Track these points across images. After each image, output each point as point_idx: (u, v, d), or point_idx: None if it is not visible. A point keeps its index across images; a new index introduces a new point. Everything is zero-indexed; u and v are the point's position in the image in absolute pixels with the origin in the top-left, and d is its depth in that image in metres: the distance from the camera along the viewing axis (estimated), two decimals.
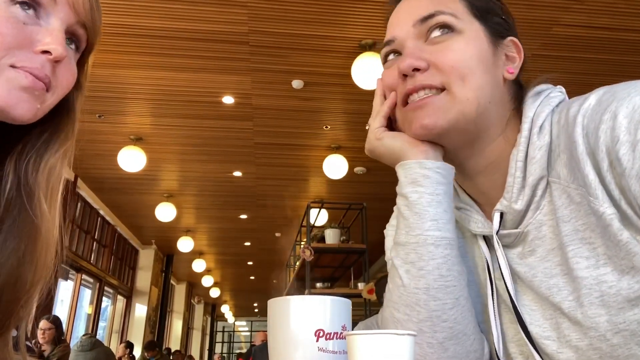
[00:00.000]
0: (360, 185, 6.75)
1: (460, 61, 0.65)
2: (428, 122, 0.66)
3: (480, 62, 0.65)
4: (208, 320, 18.94)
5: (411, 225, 0.65)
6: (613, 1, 3.50)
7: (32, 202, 0.61)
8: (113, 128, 5.33)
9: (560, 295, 0.61)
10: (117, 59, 4.15)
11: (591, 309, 0.57)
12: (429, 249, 0.64)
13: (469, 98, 0.64)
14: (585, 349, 0.58)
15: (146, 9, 3.58)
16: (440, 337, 0.64)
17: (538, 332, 0.62)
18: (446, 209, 0.66)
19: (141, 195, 7.38)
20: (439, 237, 0.64)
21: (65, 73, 0.62)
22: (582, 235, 0.59)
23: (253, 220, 8.53)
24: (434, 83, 0.65)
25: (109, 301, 9.25)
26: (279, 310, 0.60)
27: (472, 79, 0.64)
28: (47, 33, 0.58)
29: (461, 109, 0.64)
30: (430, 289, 0.63)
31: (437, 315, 0.63)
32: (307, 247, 4.99)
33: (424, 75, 0.66)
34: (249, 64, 4.25)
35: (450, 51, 0.65)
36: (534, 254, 0.64)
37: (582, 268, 0.58)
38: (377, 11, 3.61)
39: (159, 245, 10.33)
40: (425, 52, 0.67)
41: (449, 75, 0.65)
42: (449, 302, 0.64)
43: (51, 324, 4.34)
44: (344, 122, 5.31)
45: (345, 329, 0.59)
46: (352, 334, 0.49)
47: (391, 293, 0.67)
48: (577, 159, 0.59)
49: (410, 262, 0.64)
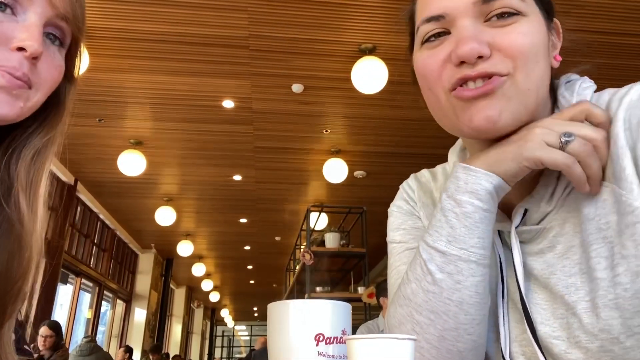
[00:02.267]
0: (360, 189, 6.75)
1: (530, 46, 0.58)
2: (493, 114, 0.58)
3: (544, 48, 0.60)
4: (207, 325, 18.90)
5: (457, 236, 0.61)
6: (613, 6, 3.52)
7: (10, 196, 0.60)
8: (113, 132, 5.34)
9: (577, 295, 0.58)
10: (118, 63, 4.16)
11: (605, 311, 0.55)
12: (470, 265, 0.60)
13: (530, 89, 0.59)
14: (596, 350, 0.56)
15: (147, 13, 3.59)
16: (461, 347, 0.62)
17: (547, 331, 0.60)
18: (492, 226, 0.63)
19: (141, 199, 7.38)
20: (483, 255, 0.61)
21: (47, 69, 0.60)
22: (604, 234, 0.57)
23: (253, 224, 8.52)
24: (502, 70, 0.58)
25: (109, 305, 9.23)
26: (279, 314, 0.60)
27: (535, 68, 0.59)
28: (24, 29, 0.57)
29: (522, 100, 0.58)
30: (464, 304, 0.61)
31: (464, 329, 0.61)
32: (307, 251, 4.98)
33: (489, 63, 0.58)
34: (249, 68, 4.25)
35: (520, 35, 0.58)
36: (552, 250, 0.62)
37: (602, 269, 0.56)
38: (377, 16, 3.63)
39: (158, 249, 10.31)
40: (487, 34, 0.59)
41: (516, 61, 0.58)
42: (477, 318, 0.62)
43: (52, 330, 4.33)
44: (344, 126, 5.32)
45: (346, 333, 0.59)
46: (352, 338, 0.49)
47: (415, 294, 0.63)
48: (614, 153, 0.56)
49: (448, 273, 0.61)
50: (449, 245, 0.61)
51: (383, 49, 3.94)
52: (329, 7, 3.55)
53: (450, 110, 0.62)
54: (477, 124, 0.59)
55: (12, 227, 0.60)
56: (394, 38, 3.79)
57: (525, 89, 0.58)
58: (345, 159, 5.72)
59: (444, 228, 0.62)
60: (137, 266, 10.23)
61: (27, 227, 0.61)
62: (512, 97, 0.58)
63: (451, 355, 0.63)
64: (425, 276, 0.63)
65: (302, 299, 0.61)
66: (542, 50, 0.60)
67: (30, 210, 0.62)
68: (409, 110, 4.81)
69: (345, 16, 3.64)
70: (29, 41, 0.56)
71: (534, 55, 0.58)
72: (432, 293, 0.62)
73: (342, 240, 5.34)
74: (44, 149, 0.65)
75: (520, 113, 0.59)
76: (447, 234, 0.62)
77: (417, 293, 0.63)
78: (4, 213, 0.60)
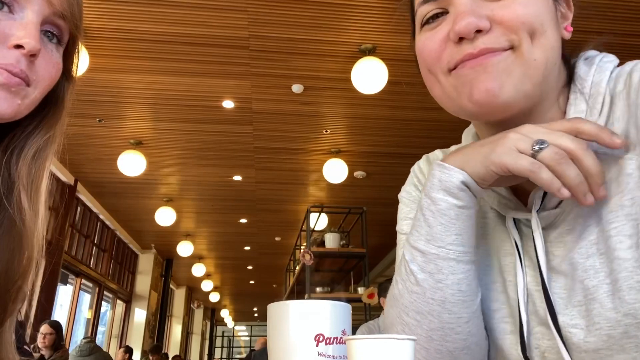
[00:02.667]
0: (360, 189, 6.75)
1: (532, 15, 0.56)
2: (493, 86, 0.56)
3: (550, 17, 0.58)
4: (207, 325, 18.90)
5: (434, 234, 0.60)
6: (612, 7, 3.52)
7: (11, 195, 0.61)
8: (113, 132, 5.34)
9: (597, 279, 0.55)
10: (118, 63, 4.16)
11: (630, 294, 0.51)
12: (450, 263, 0.60)
13: (537, 59, 0.56)
14: (619, 337, 0.52)
15: (146, 13, 3.59)
16: (450, 347, 0.61)
17: (565, 320, 0.57)
18: (473, 222, 0.61)
19: (141, 200, 7.38)
20: (462, 251, 0.60)
21: (45, 66, 0.61)
22: (628, 211, 0.53)
23: (253, 225, 8.52)
24: (501, 45, 0.56)
25: (108, 306, 9.23)
26: (279, 314, 0.60)
27: (542, 37, 0.56)
28: (21, 27, 0.57)
29: (528, 72, 0.56)
30: (446, 303, 0.60)
31: (450, 328, 0.61)
32: (307, 252, 4.98)
33: (488, 37, 0.57)
34: (249, 68, 4.25)
35: (520, 5, 0.56)
36: (571, 233, 0.59)
37: (625, 248, 0.53)
38: (377, 16, 3.63)
39: (158, 250, 10.31)
40: (485, 8, 0.57)
41: (519, 33, 0.56)
42: (464, 316, 0.61)
43: (52, 328, 4.33)
44: (344, 127, 5.32)
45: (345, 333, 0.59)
46: (352, 339, 0.49)
47: (402, 295, 0.63)
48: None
49: (428, 272, 0.60)
50: (427, 244, 0.61)
51: (383, 49, 3.94)
52: (328, 8, 3.55)
53: (451, 89, 0.61)
54: (477, 97, 0.57)
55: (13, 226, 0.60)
56: (394, 38, 3.79)
57: (531, 60, 0.56)
58: (345, 159, 5.72)
59: (422, 227, 0.61)
60: (137, 266, 10.23)
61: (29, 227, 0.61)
62: (515, 70, 0.56)
63: (441, 355, 0.62)
64: (409, 277, 0.62)
65: (302, 300, 0.61)
66: (547, 19, 0.57)
67: (31, 210, 0.62)
68: (409, 110, 4.81)
69: (345, 16, 3.64)
70: (26, 39, 0.56)
71: (539, 25, 0.56)
72: (416, 294, 0.61)
73: (342, 240, 5.34)
74: (44, 148, 0.65)
75: (524, 86, 0.56)
76: (425, 232, 0.61)
77: (403, 294, 0.63)
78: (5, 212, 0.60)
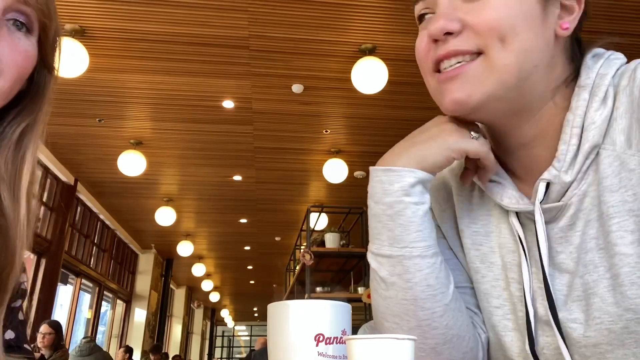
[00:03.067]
0: (360, 189, 6.68)
1: (500, 19, 0.56)
2: (460, 96, 0.58)
3: (526, 19, 0.57)
4: (207, 325, 18.90)
5: (396, 237, 0.61)
6: (612, 7, 3.52)
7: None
8: (113, 132, 5.34)
9: (596, 273, 0.55)
10: (118, 63, 4.16)
11: (632, 289, 0.52)
12: (415, 261, 0.61)
13: (509, 64, 0.56)
14: (619, 332, 0.53)
15: (147, 13, 3.59)
16: (431, 343, 0.62)
17: (564, 315, 0.57)
18: (429, 215, 0.63)
19: (141, 200, 7.38)
20: (425, 246, 0.62)
21: (10, 53, 0.58)
22: (630, 207, 0.54)
23: (253, 225, 8.53)
24: (469, 48, 0.58)
25: (108, 305, 9.23)
26: (279, 314, 0.60)
27: (513, 41, 0.56)
28: None
29: (499, 78, 0.57)
30: (418, 300, 0.61)
31: (427, 324, 0.62)
32: (307, 251, 4.99)
33: (458, 39, 0.58)
34: (249, 68, 4.25)
35: (489, 8, 0.56)
36: (573, 229, 0.59)
37: (627, 243, 0.53)
38: (377, 16, 3.63)
39: (158, 250, 10.32)
40: (461, 10, 0.58)
41: (487, 37, 0.56)
42: (438, 310, 0.62)
43: (52, 328, 4.32)
44: (344, 127, 5.32)
45: (345, 333, 0.59)
46: (352, 339, 0.49)
47: (378, 304, 0.65)
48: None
49: (397, 275, 0.62)
50: (391, 248, 0.62)
51: (383, 49, 3.94)
52: (329, 8, 3.55)
53: (436, 91, 0.63)
54: (446, 106, 0.61)
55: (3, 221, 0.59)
56: (394, 38, 3.79)
57: (502, 65, 0.56)
58: (345, 159, 5.72)
59: (382, 233, 0.63)
60: (137, 266, 10.23)
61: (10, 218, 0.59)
62: (484, 76, 0.57)
63: (425, 353, 0.63)
64: (379, 284, 0.64)
65: (302, 299, 0.61)
66: (521, 21, 0.57)
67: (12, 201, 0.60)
68: (409, 110, 4.81)
69: (345, 16, 3.64)
70: None
71: (510, 29, 0.56)
72: (389, 298, 0.63)
73: (342, 240, 5.34)
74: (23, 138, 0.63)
75: (496, 91, 0.57)
76: (387, 237, 0.62)
77: (378, 302, 0.65)
78: None
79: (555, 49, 0.60)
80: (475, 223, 0.70)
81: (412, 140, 0.64)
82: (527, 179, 0.64)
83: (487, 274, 0.68)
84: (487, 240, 0.68)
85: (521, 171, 0.65)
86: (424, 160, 0.62)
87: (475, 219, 0.70)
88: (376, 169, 0.64)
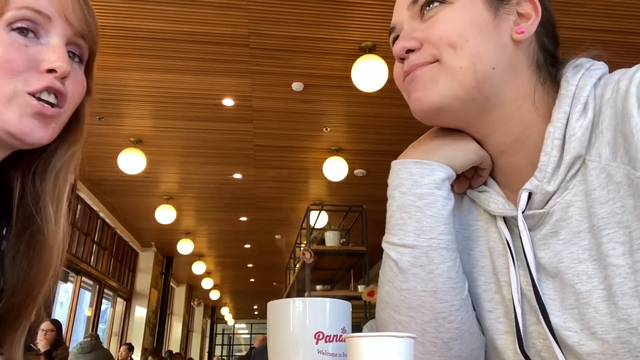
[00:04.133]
0: (360, 187, 6.75)
1: (448, 29, 0.62)
2: (419, 95, 0.65)
3: (475, 27, 0.62)
4: (208, 323, 18.92)
5: (424, 228, 0.63)
6: (613, 4, 3.51)
7: (38, 207, 0.63)
8: (113, 130, 5.34)
9: (590, 284, 0.56)
10: (118, 61, 4.16)
11: (624, 300, 0.53)
12: (441, 252, 0.62)
13: (463, 66, 0.61)
14: (612, 341, 0.54)
15: (146, 11, 3.59)
16: (445, 337, 0.63)
17: (558, 322, 0.59)
18: (451, 213, 0.65)
19: (141, 198, 7.38)
20: (450, 240, 0.63)
21: (74, 86, 0.63)
22: (619, 219, 0.55)
23: (253, 223, 8.53)
24: (426, 59, 0.64)
25: (109, 304, 9.24)
26: (279, 312, 0.60)
27: (464, 47, 0.61)
28: (50, 51, 0.59)
29: (455, 78, 0.62)
30: (438, 292, 0.62)
31: (443, 317, 0.62)
32: (307, 250, 4.99)
33: (417, 54, 0.65)
34: (249, 66, 4.25)
35: (439, 23, 0.63)
36: (556, 236, 0.61)
37: (618, 255, 0.54)
38: (377, 14, 3.62)
39: (158, 248, 10.32)
40: (418, 30, 0.65)
41: (439, 47, 0.63)
42: (455, 304, 0.63)
43: (53, 325, 4.36)
44: (344, 125, 5.32)
45: (345, 331, 0.59)
46: (351, 337, 0.49)
47: (390, 296, 0.65)
48: (627, 132, 0.54)
49: (420, 266, 0.62)
50: (418, 239, 0.63)
51: (383, 47, 3.94)
52: (329, 5, 3.55)
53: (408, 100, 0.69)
54: (412, 107, 0.67)
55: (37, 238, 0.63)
56: None
57: (457, 67, 0.62)
58: (345, 157, 5.72)
59: (408, 224, 0.64)
60: (137, 264, 10.23)
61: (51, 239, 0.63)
62: (440, 78, 0.63)
63: (437, 348, 0.63)
64: (397, 276, 0.64)
65: (302, 297, 0.61)
66: (469, 29, 0.62)
67: (55, 223, 0.64)
68: (409, 108, 4.77)
69: (345, 14, 3.63)
70: (58, 62, 0.59)
71: (458, 37, 0.62)
72: (407, 290, 0.63)
73: (342, 238, 5.34)
74: (68, 164, 0.68)
75: (454, 90, 0.62)
76: (413, 228, 0.63)
77: (391, 294, 0.65)
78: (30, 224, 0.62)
79: (517, 54, 0.64)
80: (466, 229, 0.72)
81: (441, 141, 0.68)
82: (511, 185, 0.67)
83: (478, 278, 0.69)
84: (477, 245, 0.71)
85: (504, 178, 0.68)
86: (454, 159, 0.66)
87: (466, 225, 0.73)
88: (406, 161, 0.66)
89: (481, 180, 0.70)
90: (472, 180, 0.71)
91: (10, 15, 0.56)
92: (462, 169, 0.67)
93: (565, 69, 0.65)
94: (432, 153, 0.66)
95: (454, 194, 0.71)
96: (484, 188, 0.70)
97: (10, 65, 0.56)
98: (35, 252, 0.62)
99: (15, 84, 0.56)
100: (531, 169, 0.62)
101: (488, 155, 0.68)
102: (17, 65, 0.56)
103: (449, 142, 0.67)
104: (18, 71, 0.56)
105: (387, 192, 0.68)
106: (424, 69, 0.64)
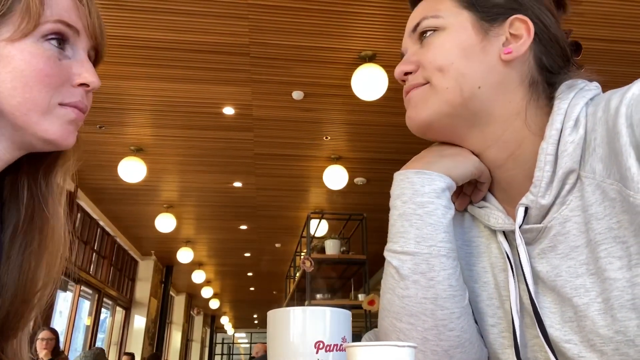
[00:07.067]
0: (361, 196, 6.75)
1: (438, 54, 0.67)
2: (411, 113, 0.71)
3: (461, 51, 0.67)
4: (207, 332, 18.84)
5: (424, 235, 0.64)
6: (611, 14, 3.53)
7: (47, 204, 0.66)
8: (113, 139, 5.35)
9: (587, 297, 0.58)
10: (118, 70, 4.18)
11: (621, 312, 0.54)
12: (441, 260, 0.64)
13: (449, 87, 0.66)
14: (611, 353, 0.55)
15: (148, 21, 3.61)
16: (445, 346, 0.63)
17: (558, 335, 0.60)
18: (451, 222, 0.67)
19: (141, 206, 7.37)
20: (450, 248, 0.65)
21: (91, 96, 0.67)
22: (615, 234, 0.56)
23: (253, 231, 8.52)
24: (419, 81, 0.70)
25: (108, 312, 9.20)
26: (279, 321, 0.59)
27: (450, 69, 0.66)
28: (79, 65, 0.63)
29: (443, 98, 0.67)
30: (439, 299, 0.63)
31: (444, 324, 0.63)
32: (307, 258, 4.98)
33: (413, 77, 0.71)
34: (250, 75, 4.27)
35: (431, 48, 0.68)
36: (554, 250, 0.62)
37: (615, 269, 0.56)
38: (377, 23, 3.64)
39: (158, 256, 10.30)
40: (417, 55, 0.71)
41: (429, 70, 0.68)
42: (456, 312, 0.64)
43: (52, 334, 4.35)
44: (344, 133, 5.33)
45: (345, 340, 0.59)
46: (352, 346, 0.49)
47: (392, 303, 0.66)
48: (618, 151, 0.55)
49: (420, 273, 0.64)
50: (418, 246, 0.64)
51: (383, 56, 3.96)
52: (329, 15, 3.57)
53: None
54: (407, 123, 0.72)
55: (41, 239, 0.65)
56: (394, 45, 3.80)
57: (444, 88, 0.67)
58: (346, 165, 5.72)
59: (409, 232, 0.65)
60: (136, 273, 10.20)
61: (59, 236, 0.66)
62: (429, 98, 0.68)
63: (438, 357, 0.64)
64: (398, 283, 0.65)
65: (302, 306, 0.61)
66: (455, 53, 0.67)
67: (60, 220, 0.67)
68: None
69: (345, 24, 3.65)
70: (91, 77, 0.63)
71: (445, 61, 0.67)
72: (408, 297, 0.64)
73: (343, 247, 5.33)
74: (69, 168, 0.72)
75: (442, 108, 0.67)
76: (414, 236, 0.65)
77: (393, 301, 0.66)
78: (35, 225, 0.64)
79: (507, 72, 0.66)
80: (468, 246, 0.74)
81: (441, 153, 0.71)
82: (509, 200, 0.69)
83: (481, 294, 0.71)
84: (480, 261, 0.72)
85: (502, 193, 0.70)
86: (454, 170, 0.68)
87: (468, 241, 0.74)
88: (407, 172, 0.69)
89: (481, 195, 0.72)
90: (472, 195, 0.73)
91: (48, 28, 0.59)
92: (462, 180, 0.69)
93: (559, 88, 0.66)
94: (432, 164, 0.69)
95: (456, 211, 0.73)
96: (484, 204, 0.71)
97: (50, 80, 0.59)
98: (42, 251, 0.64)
99: (50, 98, 0.59)
100: (528, 183, 0.63)
101: (487, 169, 0.70)
102: (55, 80, 0.59)
103: (449, 155, 0.70)
104: (55, 85, 0.59)
105: (390, 202, 0.69)
106: (418, 90, 0.70)
